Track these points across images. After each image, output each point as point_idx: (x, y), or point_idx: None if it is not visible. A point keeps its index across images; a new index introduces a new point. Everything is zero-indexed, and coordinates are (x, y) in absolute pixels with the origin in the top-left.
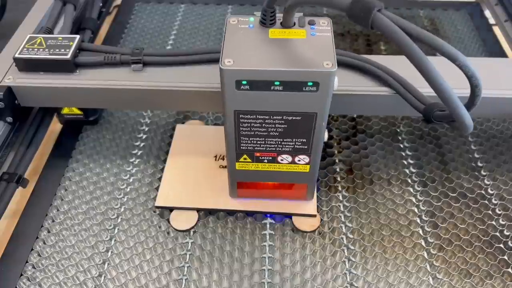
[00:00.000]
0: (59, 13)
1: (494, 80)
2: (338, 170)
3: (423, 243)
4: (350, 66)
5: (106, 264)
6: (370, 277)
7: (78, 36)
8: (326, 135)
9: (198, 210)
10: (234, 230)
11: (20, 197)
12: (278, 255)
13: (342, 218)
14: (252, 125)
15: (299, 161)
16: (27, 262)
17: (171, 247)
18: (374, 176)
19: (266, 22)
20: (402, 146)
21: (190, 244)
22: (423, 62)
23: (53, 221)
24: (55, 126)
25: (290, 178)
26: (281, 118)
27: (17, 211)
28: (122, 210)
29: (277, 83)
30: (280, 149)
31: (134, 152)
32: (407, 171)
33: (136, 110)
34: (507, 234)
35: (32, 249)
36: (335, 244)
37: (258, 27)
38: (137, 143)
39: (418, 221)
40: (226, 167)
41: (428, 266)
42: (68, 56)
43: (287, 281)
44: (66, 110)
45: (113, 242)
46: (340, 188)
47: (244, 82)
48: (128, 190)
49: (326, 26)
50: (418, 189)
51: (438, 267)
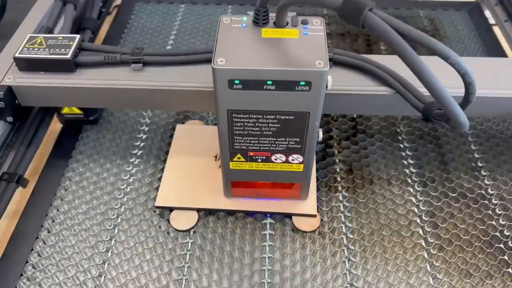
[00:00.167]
0: (59, 13)
1: (494, 80)
2: (338, 170)
3: (423, 243)
4: (350, 66)
5: (106, 264)
6: (370, 277)
7: (78, 35)
8: (320, 135)
9: (198, 210)
10: (234, 230)
11: (20, 197)
12: (278, 255)
13: (342, 218)
14: (245, 124)
15: (293, 160)
16: (27, 262)
17: (171, 247)
18: (374, 176)
19: (259, 21)
20: (402, 146)
21: (190, 244)
22: (415, 61)
23: (53, 221)
24: (55, 126)
25: (284, 177)
26: (274, 117)
27: (17, 211)
28: (122, 210)
29: (269, 83)
30: (273, 148)
31: (134, 152)
32: (407, 171)
33: (136, 110)
34: (507, 234)
35: (32, 249)
36: (335, 244)
37: (251, 27)
38: (137, 143)
39: (418, 221)
40: None
41: (428, 266)
42: (68, 55)
43: (287, 281)
44: (66, 110)
45: (113, 242)
46: (340, 188)
47: (236, 82)
48: (128, 190)
49: (319, 26)
50: (418, 189)
51: (438, 267)
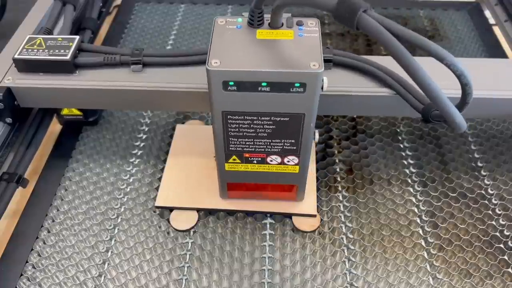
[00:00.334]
0: (59, 13)
1: (494, 81)
2: (338, 170)
3: (423, 243)
4: (350, 67)
5: (106, 264)
6: (370, 277)
7: (77, 36)
8: (317, 136)
9: (198, 210)
10: (234, 230)
11: (20, 197)
12: (278, 255)
13: (342, 218)
14: (240, 126)
15: (289, 162)
16: (27, 262)
17: (171, 247)
18: (374, 176)
19: (254, 22)
20: (402, 146)
21: (190, 244)
22: (410, 62)
23: (53, 221)
24: (55, 127)
25: (280, 179)
26: (269, 119)
27: (17, 211)
28: (122, 210)
29: (264, 84)
30: (269, 150)
31: (134, 152)
32: (407, 171)
33: (136, 111)
34: (507, 234)
35: (32, 249)
36: (335, 244)
37: (246, 28)
38: (137, 143)
39: (418, 221)
40: None
41: (428, 266)
42: (67, 57)
43: (287, 281)
44: (65, 111)
45: (113, 242)
46: (340, 188)
47: (231, 83)
48: (128, 190)
49: (314, 27)
50: (418, 189)
51: (438, 267)
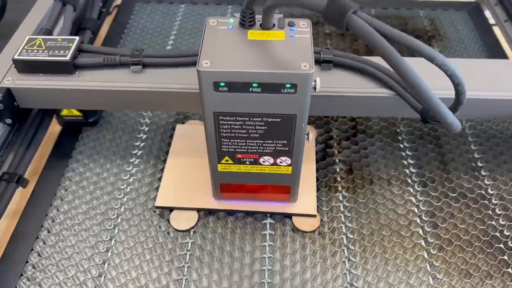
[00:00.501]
0: (59, 13)
1: (494, 81)
2: (338, 170)
3: (423, 243)
4: (350, 68)
5: (106, 264)
6: (370, 277)
7: (77, 37)
8: (311, 136)
9: (198, 210)
10: (234, 230)
11: (20, 197)
12: (278, 255)
13: (342, 218)
14: (232, 126)
15: (281, 162)
16: (27, 262)
17: (171, 247)
18: (374, 176)
19: (245, 23)
20: (402, 146)
21: (190, 244)
22: (399, 63)
23: (53, 221)
24: (55, 128)
25: (273, 179)
26: (261, 119)
27: (17, 211)
28: (122, 210)
29: (255, 85)
30: (261, 150)
31: (134, 152)
32: (407, 171)
33: (135, 111)
34: (507, 234)
35: (32, 249)
36: (335, 244)
37: (237, 29)
38: (137, 143)
39: (418, 221)
40: None
41: (428, 266)
42: (67, 57)
43: (287, 281)
44: (65, 112)
45: (113, 242)
46: (340, 188)
47: (222, 84)
48: (128, 190)
49: (305, 28)
50: (418, 189)
51: (438, 267)
